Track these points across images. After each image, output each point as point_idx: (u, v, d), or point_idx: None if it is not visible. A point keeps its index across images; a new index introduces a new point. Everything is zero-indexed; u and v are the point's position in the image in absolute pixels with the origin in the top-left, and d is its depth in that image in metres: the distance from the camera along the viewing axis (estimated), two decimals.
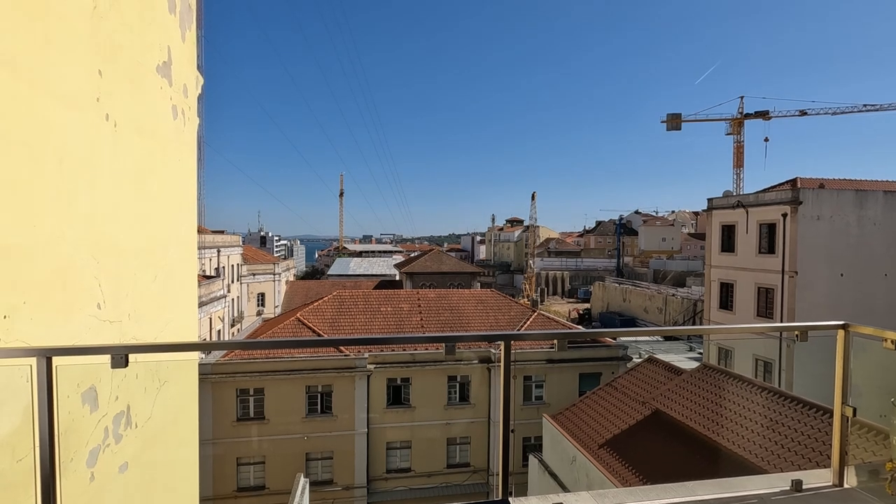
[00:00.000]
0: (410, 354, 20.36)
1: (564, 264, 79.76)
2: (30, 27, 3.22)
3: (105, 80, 3.92)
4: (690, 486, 1.73)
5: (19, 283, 3.15)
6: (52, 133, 3.48)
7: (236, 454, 18.87)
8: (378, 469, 20.30)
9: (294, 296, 44.03)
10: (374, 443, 20.24)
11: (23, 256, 3.19)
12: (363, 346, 20.14)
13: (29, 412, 1.84)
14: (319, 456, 19.80)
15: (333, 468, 19.77)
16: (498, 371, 20.44)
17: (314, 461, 19.71)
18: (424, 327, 22.84)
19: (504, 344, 1.62)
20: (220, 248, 35.89)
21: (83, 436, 3.81)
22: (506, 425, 1.59)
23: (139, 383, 4.72)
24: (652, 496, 1.65)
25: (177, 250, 5.69)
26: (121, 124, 4.14)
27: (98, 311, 4.01)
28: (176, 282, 5.66)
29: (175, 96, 5.31)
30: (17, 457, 2.25)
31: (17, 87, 3.12)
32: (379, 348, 20.28)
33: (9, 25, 3.05)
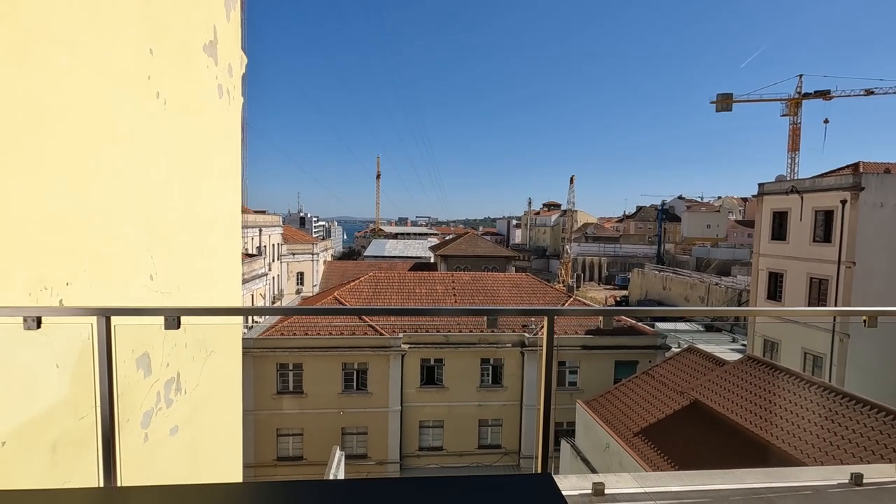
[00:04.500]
0: (444, 336, 20.54)
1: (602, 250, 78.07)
2: (85, 7, 3.34)
3: (155, 58, 4.03)
4: (738, 474, 1.66)
5: (79, 253, 3.33)
6: (108, 110, 3.62)
7: (276, 425, 19.70)
8: (411, 446, 20.76)
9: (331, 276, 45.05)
10: (408, 420, 20.68)
11: (82, 228, 3.37)
12: (400, 315, 20.44)
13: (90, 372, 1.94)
14: (354, 431, 20.41)
15: (368, 443, 20.36)
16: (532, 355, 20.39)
17: (349, 435, 20.35)
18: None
19: (547, 319, 1.58)
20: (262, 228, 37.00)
21: (138, 398, 4.04)
22: (547, 401, 1.56)
23: (188, 352, 4.95)
24: (697, 481, 1.59)
25: (222, 226, 5.88)
26: (170, 102, 4.27)
27: (150, 281, 4.21)
28: (221, 257, 5.87)
29: (220, 75, 5.43)
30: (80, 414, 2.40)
31: (74, 65, 3.25)
32: (413, 329, 20.55)
33: (67, 6, 3.17)
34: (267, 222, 38.80)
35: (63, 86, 3.12)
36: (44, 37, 2.94)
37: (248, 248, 33.68)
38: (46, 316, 1.48)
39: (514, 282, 26.06)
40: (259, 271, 31.26)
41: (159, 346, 4.29)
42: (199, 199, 5.27)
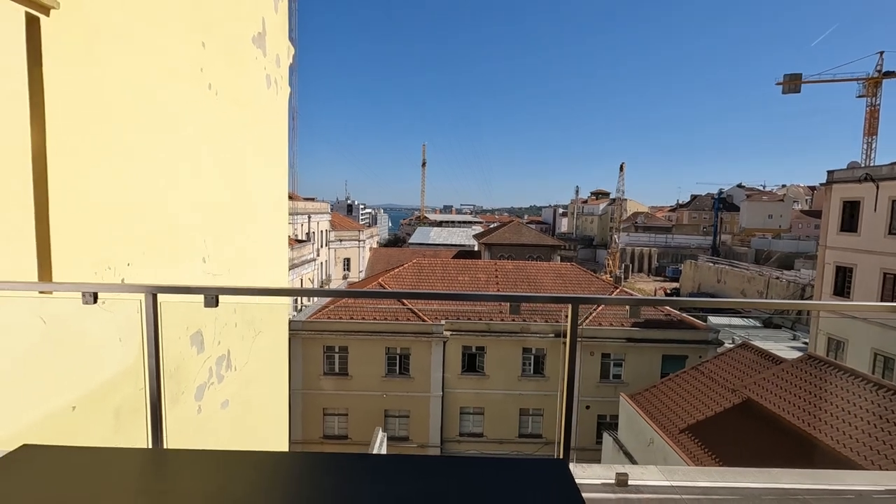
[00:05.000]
0: (486, 324, 20.57)
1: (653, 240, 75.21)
2: (143, 5, 3.54)
3: (207, 51, 4.23)
4: (774, 473, 1.58)
5: (138, 237, 3.58)
6: (164, 102, 3.84)
7: (322, 405, 20.49)
8: (451, 431, 21.06)
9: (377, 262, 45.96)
10: (449, 406, 20.96)
11: (142, 214, 3.61)
12: (432, 300, 20.65)
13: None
14: (397, 413, 20.91)
15: (409, 426, 20.83)
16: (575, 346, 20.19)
17: (392, 418, 20.87)
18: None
19: (571, 307, 1.56)
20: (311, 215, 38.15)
21: (192, 373, 4.33)
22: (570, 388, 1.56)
23: (237, 331, 5.23)
24: (728, 478, 1.53)
25: (270, 212, 6.13)
26: (221, 93, 4.47)
27: (203, 264, 4.47)
28: (268, 241, 6.13)
29: (269, 66, 5.63)
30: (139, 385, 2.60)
31: (134, 61, 3.47)
32: (455, 315, 20.70)
33: (126, 5, 3.37)
34: (316, 209, 39.96)
35: (124, 81, 3.33)
36: (106, 35, 3.15)
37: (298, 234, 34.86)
38: (102, 292, 1.62)
39: (559, 271, 25.65)
40: (308, 257, 32.35)
41: (211, 324, 4.56)
42: (249, 186, 5.51)
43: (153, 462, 1.41)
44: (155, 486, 1.26)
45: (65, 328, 2.87)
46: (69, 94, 2.87)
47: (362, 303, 20.81)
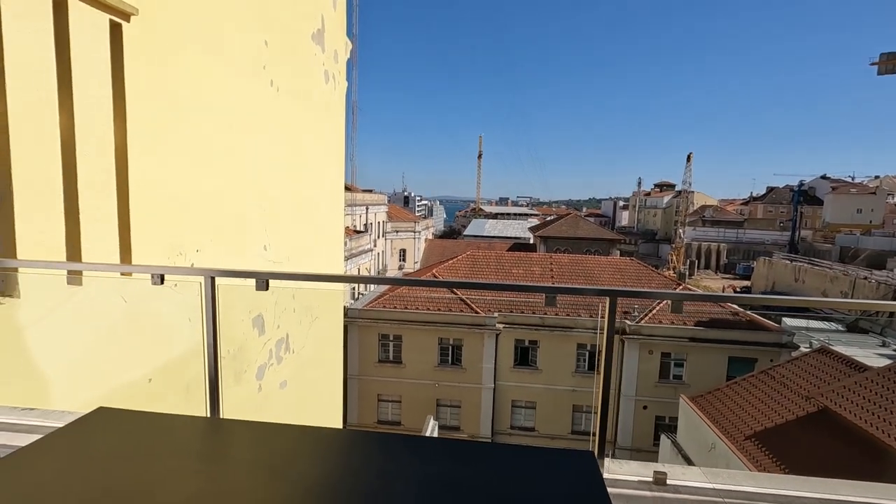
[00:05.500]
0: (540, 318, 20.31)
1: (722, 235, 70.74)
2: (213, 8, 3.77)
3: (269, 49, 4.45)
4: (832, 484, 1.47)
5: (206, 226, 3.85)
6: (230, 99, 4.09)
7: (377, 391, 21.12)
8: (503, 423, 21.06)
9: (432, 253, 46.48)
10: (500, 398, 20.95)
11: (209, 204, 3.88)
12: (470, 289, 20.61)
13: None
14: (448, 403, 21.18)
15: (461, 416, 21.04)
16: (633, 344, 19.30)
17: (444, 407, 21.17)
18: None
19: (609, 300, 1.53)
20: (369, 206, 39.15)
21: (253, 354, 4.62)
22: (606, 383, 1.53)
23: (296, 316, 5.51)
24: (778, 485, 1.44)
25: (327, 203, 6.38)
26: (282, 89, 4.70)
27: (264, 251, 4.74)
28: (326, 231, 6.38)
29: (327, 62, 5.83)
30: None
31: (204, 62, 3.71)
32: (508, 308, 20.59)
33: (198, 10, 3.60)
34: (373, 201, 40.95)
35: (195, 80, 3.58)
36: (179, 38, 3.40)
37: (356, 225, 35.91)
38: (168, 274, 1.78)
39: (617, 266, 24.80)
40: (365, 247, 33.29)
41: (271, 309, 4.84)
42: (308, 178, 5.76)
43: (210, 430, 1.54)
44: (210, 451, 1.38)
45: (142, 308, 3.16)
46: (146, 93, 3.12)
47: (416, 293, 21.17)
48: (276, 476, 1.19)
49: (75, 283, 2.73)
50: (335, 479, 1.18)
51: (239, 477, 1.21)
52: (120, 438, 1.36)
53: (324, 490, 1.13)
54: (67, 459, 1.25)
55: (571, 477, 1.03)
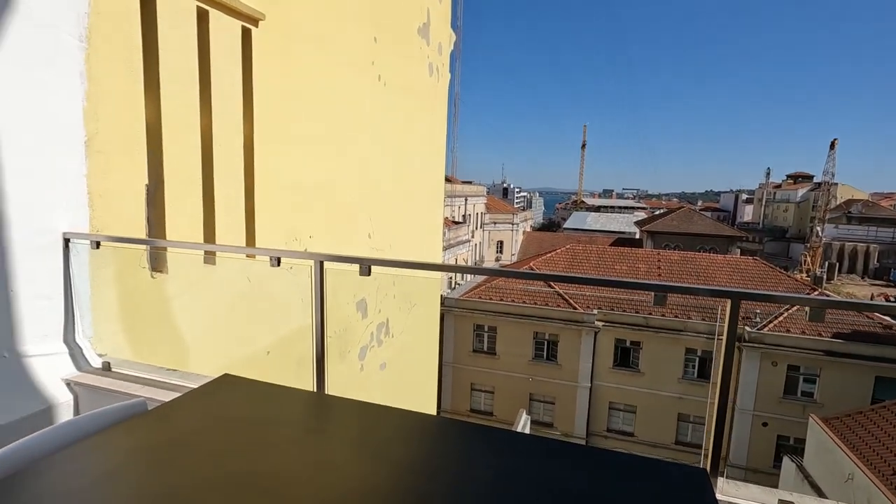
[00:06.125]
0: (644, 318, 19.10)
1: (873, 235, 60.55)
2: (330, 8, 4.01)
3: (378, 45, 4.64)
4: None
5: (318, 214, 4.13)
6: (343, 94, 4.34)
7: (471, 380, 21.42)
8: (599, 425, 20.25)
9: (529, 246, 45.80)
10: (597, 399, 20.14)
11: (320, 193, 4.16)
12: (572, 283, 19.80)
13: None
14: (542, 399, 20.84)
15: (554, 413, 20.60)
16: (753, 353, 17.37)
17: (537, 402, 20.88)
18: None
19: (730, 303, 1.37)
20: (468, 197, 39.55)
21: (356, 335, 4.90)
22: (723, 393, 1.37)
23: (396, 302, 5.74)
24: None
25: (427, 194, 6.55)
26: (388, 83, 4.88)
27: (369, 239, 4.99)
28: (426, 222, 6.55)
29: (431, 55, 5.95)
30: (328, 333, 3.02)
31: (320, 59, 3.97)
32: (609, 305, 19.64)
33: (317, 10, 3.85)
34: (472, 192, 41.29)
35: (310, 78, 3.85)
36: (298, 39, 3.66)
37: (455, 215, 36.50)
38: (283, 257, 1.94)
39: (737, 266, 22.42)
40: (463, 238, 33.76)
41: (373, 294, 5.09)
42: (410, 169, 5.94)
43: (318, 403, 1.66)
44: (317, 424, 1.48)
45: (263, 287, 3.48)
46: (268, 92, 3.41)
47: (513, 285, 21.02)
48: (376, 455, 1.24)
49: (210, 262, 3.10)
50: (433, 467, 1.20)
51: (342, 451, 1.28)
52: (240, 403, 1.51)
53: (421, 476, 1.16)
54: (198, 417, 1.42)
55: (682, 495, 0.94)
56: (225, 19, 3.04)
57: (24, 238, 2.26)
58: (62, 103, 2.33)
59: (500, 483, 1.09)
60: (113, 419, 1.35)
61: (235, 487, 1.09)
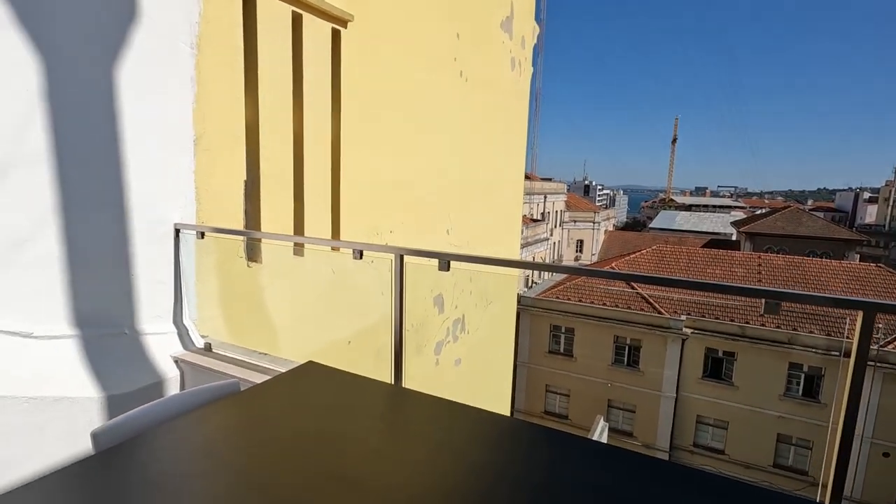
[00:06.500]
0: (739, 327, 17.54)
1: None
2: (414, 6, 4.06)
3: (460, 41, 4.64)
4: None
5: (398, 209, 4.22)
6: (425, 92, 4.39)
7: (545, 381, 20.98)
8: (684, 439, 18.94)
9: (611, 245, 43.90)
10: (683, 411, 18.84)
11: (401, 189, 4.24)
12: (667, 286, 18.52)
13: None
14: (621, 406, 19.90)
15: (634, 422, 19.58)
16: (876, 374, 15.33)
17: (615, 409, 19.97)
18: (762, 301, 19.09)
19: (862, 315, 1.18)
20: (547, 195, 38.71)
21: (433, 330, 4.95)
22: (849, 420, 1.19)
23: (472, 299, 5.73)
24: None
25: (506, 191, 6.46)
26: (470, 79, 4.86)
27: (447, 235, 5.01)
28: (504, 219, 6.47)
29: (514, 49, 5.84)
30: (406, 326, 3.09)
31: (404, 58, 4.04)
32: (699, 311, 18.26)
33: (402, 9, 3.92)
34: (552, 189, 40.34)
35: (393, 76, 3.93)
36: (384, 38, 3.75)
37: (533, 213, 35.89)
38: (366, 251, 1.99)
39: (855, 274, 19.85)
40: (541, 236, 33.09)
41: (450, 290, 5.11)
42: (490, 166, 5.89)
43: (395, 396, 1.67)
44: (394, 416, 1.49)
45: (346, 279, 3.62)
46: (353, 90, 3.53)
47: (593, 286, 20.25)
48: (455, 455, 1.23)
49: (299, 254, 3.28)
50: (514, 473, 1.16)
51: (419, 447, 1.28)
52: (323, 390, 1.56)
53: (502, 482, 1.12)
54: (285, 401, 1.49)
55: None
56: (317, 22, 3.18)
57: (143, 228, 2.53)
58: (176, 106, 2.56)
59: (587, 499, 1.03)
60: (210, 397, 1.46)
61: (313, 471, 1.12)
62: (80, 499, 1.02)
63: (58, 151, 2.17)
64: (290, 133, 3.17)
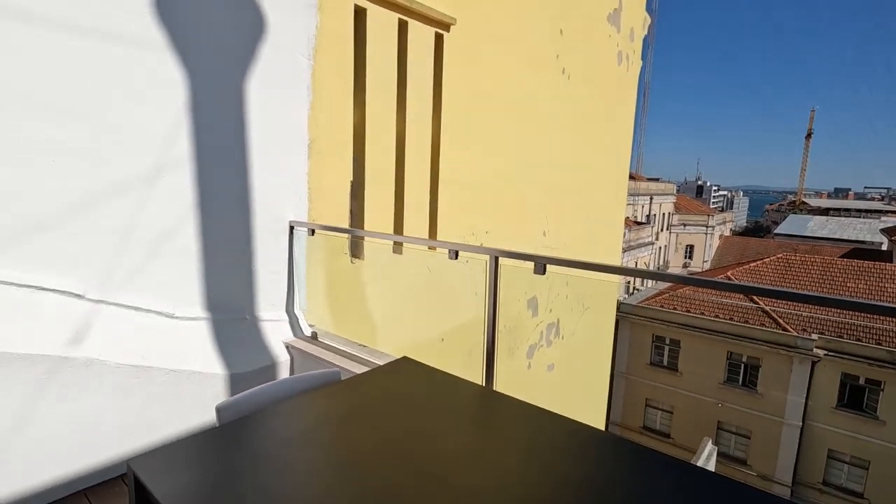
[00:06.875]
0: (889, 352, 14.99)
1: None
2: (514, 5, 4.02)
3: (563, 37, 4.50)
4: None
5: (496, 210, 4.21)
6: (526, 91, 4.33)
7: (646, 394, 19.67)
8: (811, 475, 16.65)
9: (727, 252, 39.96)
10: (810, 443, 16.57)
11: (498, 190, 4.23)
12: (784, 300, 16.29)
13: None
14: (734, 430, 18.02)
15: (749, 449, 17.62)
16: None
17: (726, 433, 18.14)
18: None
19: None
20: (653, 196, 36.27)
21: (525, 333, 4.88)
22: None
23: (568, 304, 5.55)
24: None
25: (608, 192, 6.15)
26: (573, 76, 4.70)
27: (543, 237, 4.90)
28: (605, 221, 6.17)
29: (621, 42, 5.54)
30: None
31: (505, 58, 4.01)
32: (834, 330, 15.92)
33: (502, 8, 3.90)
34: (659, 190, 37.71)
35: (493, 76, 3.92)
36: (486, 38, 3.76)
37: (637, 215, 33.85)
38: (461, 251, 2.01)
39: None
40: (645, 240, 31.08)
41: (545, 293, 5.00)
42: (592, 165, 5.66)
43: (485, 398, 1.67)
44: (483, 418, 1.49)
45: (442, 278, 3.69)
46: (454, 92, 3.58)
47: (703, 296, 18.59)
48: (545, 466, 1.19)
49: (398, 252, 3.41)
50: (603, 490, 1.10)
51: (507, 452, 1.26)
52: (416, 386, 1.61)
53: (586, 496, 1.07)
54: (380, 393, 1.56)
55: None
56: (421, 28, 3.28)
57: (264, 225, 2.80)
58: (294, 113, 2.80)
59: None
60: (314, 383, 1.57)
61: (403, 465, 1.15)
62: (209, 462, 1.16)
63: (197, 156, 2.48)
64: (392, 135, 3.31)
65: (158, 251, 2.45)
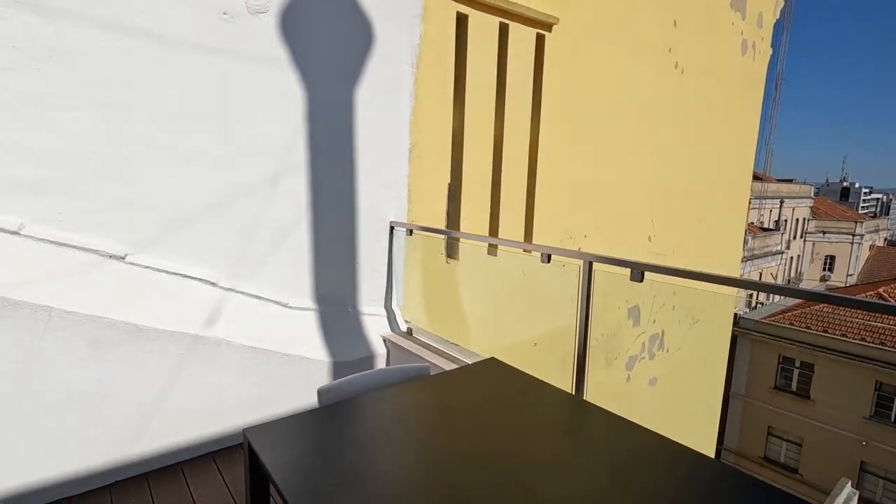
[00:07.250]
0: None
1: None
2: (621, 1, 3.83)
3: (678, 29, 4.19)
4: None
5: (596, 213, 4.05)
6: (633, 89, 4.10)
7: (768, 422, 17.53)
8: None
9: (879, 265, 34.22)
10: None
11: (600, 192, 4.06)
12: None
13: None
14: (882, 474, 15.37)
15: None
16: None
17: (871, 476, 15.53)
18: None
19: None
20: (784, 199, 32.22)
21: (625, 343, 4.62)
22: None
23: (674, 315, 5.15)
24: None
25: (727, 194, 5.60)
26: (687, 70, 4.36)
27: (648, 243, 4.61)
28: (722, 226, 5.63)
29: (746, 29, 5.01)
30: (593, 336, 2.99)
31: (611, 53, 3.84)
32: None
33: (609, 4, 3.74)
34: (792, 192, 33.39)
35: (598, 74, 3.77)
36: (591, 35, 3.63)
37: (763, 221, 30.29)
38: (554, 255, 1.97)
39: None
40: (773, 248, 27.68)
41: (648, 302, 4.69)
42: (708, 165, 5.19)
43: (575, 406, 1.62)
44: (572, 430, 1.44)
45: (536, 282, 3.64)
46: (555, 92, 3.50)
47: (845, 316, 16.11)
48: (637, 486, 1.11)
49: (492, 254, 3.43)
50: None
51: (594, 469, 1.21)
52: (502, 388, 1.61)
53: None
54: (466, 392, 1.59)
55: None
56: (522, 30, 3.27)
57: (367, 225, 2.98)
58: (397, 119, 2.95)
59: None
60: (406, 376, 1.64)
61: (482, 465, 1.16)
62: (309, 439, 1.27)
63: (311, 161, 2.72)
64: (490, 139, 3.34)
65: (276, 247, 2.73)
